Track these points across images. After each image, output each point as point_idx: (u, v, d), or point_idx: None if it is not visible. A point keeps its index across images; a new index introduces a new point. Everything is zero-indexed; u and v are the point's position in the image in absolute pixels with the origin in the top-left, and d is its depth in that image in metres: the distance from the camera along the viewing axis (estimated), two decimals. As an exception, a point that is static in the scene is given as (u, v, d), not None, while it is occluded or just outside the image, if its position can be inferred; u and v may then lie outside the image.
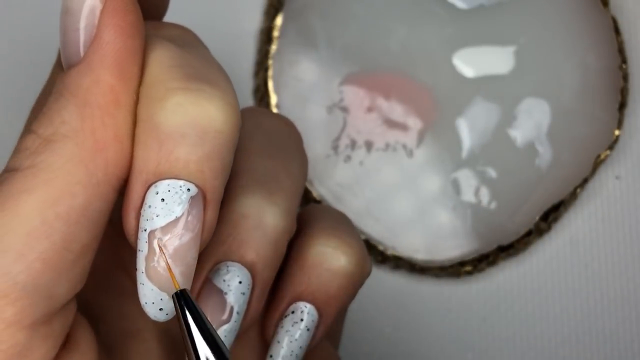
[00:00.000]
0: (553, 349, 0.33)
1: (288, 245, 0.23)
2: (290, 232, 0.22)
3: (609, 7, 0.33)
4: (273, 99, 0.33)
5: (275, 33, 0.33)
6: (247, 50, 0.34)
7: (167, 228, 0.19)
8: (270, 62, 0.33)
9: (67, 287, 0.19)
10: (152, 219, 0.19)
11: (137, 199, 0.19)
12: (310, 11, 0.33)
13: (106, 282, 0.23)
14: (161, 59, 0.19)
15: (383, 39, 0.33)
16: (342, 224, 0.24)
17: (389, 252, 0.33)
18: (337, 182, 0.33)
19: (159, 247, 0.19)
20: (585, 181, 0.33)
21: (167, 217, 0.19)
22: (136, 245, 0.19)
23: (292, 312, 0.23)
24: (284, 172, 0.23)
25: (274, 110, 0.33)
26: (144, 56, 0.19)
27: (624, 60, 0.33)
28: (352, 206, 0.33)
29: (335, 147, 0.33)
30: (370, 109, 0.33)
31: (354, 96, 0.33)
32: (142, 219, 0.19)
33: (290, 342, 0.23)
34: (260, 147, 0.23)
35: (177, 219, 0.19)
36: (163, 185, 0.19)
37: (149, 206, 0.19)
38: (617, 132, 0.33)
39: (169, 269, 0.19)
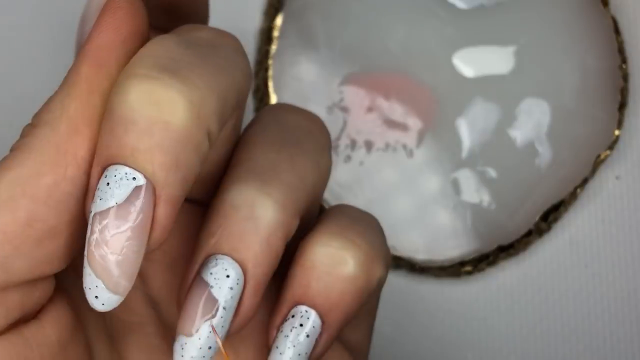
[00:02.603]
0: (553, 349, 0.33)
1: (295, 245, 0.22)
2: (287, 228, 0.21)
3: (609, 7, 0.33)
4: (273, 99, 0.33)
5: (275, 33, 0.33)
6: (247, 50, 0.34)
7: (105, 213, 0.19)
8: (270, 62, 0.33)
9: (27, 264, 0.19)
10: (97, 201, 0.19)
11: (93, 182, 0.19)
12: (310, 11, 0.33)
13: None
14: (144, 49, 0.19)
15: (383, 39, 0.33)
16: (357, 223, 0.22)
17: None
18: (337, 182, 0.33)
19: (213, 329, 0.20)
20: (585, 181, 0.33)
21: (107, 202, 0.19)
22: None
23: (293, 317, 0.22)
24: (287, 164, 0.21)
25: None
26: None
27: (623, 61, 0.33)
28: (352, 206, 0.33)
29: (335, 147, 0.33)
30: (370, 109, 0.33)
31: (354, 96, 0.33)
32: (92, 201, 0.19)
33: (289, 348, 0.21)
34: (265, 140, 0.22)
35: (118, 206, 0.19)
36: (112, 170, 0.19)
37: (98, 189, 0.19)
38: (617, 132, 0.33)
39: (216, 336, 0.20)
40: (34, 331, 0.20)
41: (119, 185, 0.18)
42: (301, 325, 0.21)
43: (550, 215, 0.33)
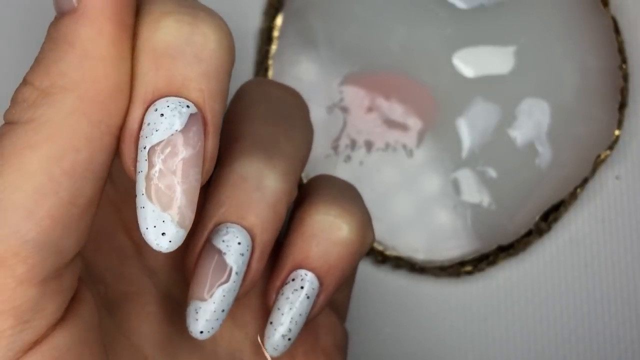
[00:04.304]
0: (553, 349, 0.33)
1: (291, 214, 0.24)
2: (290, 195, 0.22)
3: (609, 7, 0.33)
4: (273, 99, 0.33)
5: (275, 33, 0.33)
6: (247, 50, 0.34)
7: (168, 142, 0.18)
8: (270, 62, 0.33)
9: (74, 241, 0.19)
10: (152, 134, 0.18)
11: (135, 122, 0.19)
12: (310, 11, 0.33)
13: (107, 244, 0.23)
14: None
15: (383, 39, 0.33)
16: (346, 193, 0.24)
17: (389, 252, 0.33)
18: (337, 182, 0.33)
19: None
20: (585, 181, 0.33)
21: (167, 131, 0.18)
22: (135, 168, 0.19)
23: (293, 280, 0.23)
24: (285, 137, 0.23)
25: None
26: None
27: (624, 61, 0.33)
28: (352, 206, 0.33)
29: (335, 147, 0.33)
30: (370, 109, 0.33)
31: (354, 96, 0.33)
32: (141, 139, 0.19)
33: (290, 309, 0.23)
34: (262, 114, 0.23)
35: (177, 133, 0.18)
36: (162, 102, 0.18)
37: (148, 124, 0.18)
38: (617, 132, 0.33)
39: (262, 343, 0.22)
40: (89, 313, 0.20)
41: (175, 114, 0.18)
42: (302, 287, 0.23)
43: (550, 215, 0.33)
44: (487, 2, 0.33)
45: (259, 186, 0.22)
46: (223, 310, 0.21)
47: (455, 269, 0.33)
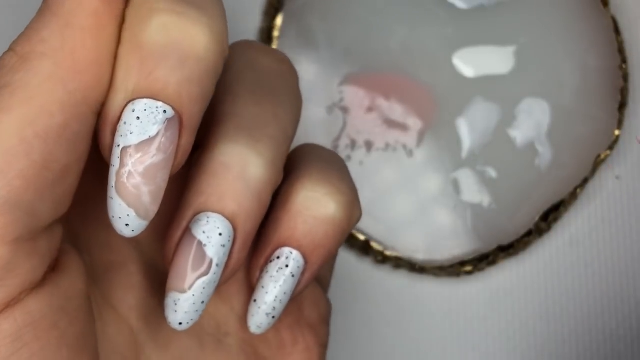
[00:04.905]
0: (553, 349, 0.33)
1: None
2: (275, 183, 0.22)
3: (609, 7, 0.33)
4: (273, 99, 0.33)
5: (275, 33, 0.33)
6: (247, 50, 0.34)
7: (140, 146, 0.19)
8: (270, 62, 0.33)
9: (49, 207, 0.19)
10: (127, 135, 0.19)
11: (114, 115, 0.19)
12: (310, 11, 0.33)
13: (92, 213, 0.23)
14: None
15: (383, 39, 0.33)
16: (332, 167, 0.23)
17: (389, 252, 0.33)
18: (337, 182, 0.33)
19: None
20: (585, 181, 0.33)
21: (141, 136, 0.19)
22: (110, 157, 0.19)
23: (278, 258, 0.23)
24: (272, 118, 0.22)
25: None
26: None
27: (624, 60, 0.33)
28: (352, 206, 0.33)
29: (335, 147, 0.33)
30: (370, 109, 0.33)
31: (354, 96, 0.33)
32: (117, 135, 0.19)
33: (275, 287, 0.22)
34: (247, 91, 0.22)
35: (150, 139, 0.19)
36: (140, 104, 0.19)
37: (125, 123, 0.19)
38: (617, 132, 0.33)
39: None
40: (68, 282, 0.20)
41: (151, 119, 0.19)
42: (287, 266, 0.22)
43: (550, 215, 0.33)
44: (487, 2, 0.33)
45: (243, 175, 0.21)
46: (203, 302, 0.21)
47: (455, 269, 0.33)
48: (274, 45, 0.33)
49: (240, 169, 0.21)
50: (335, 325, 0.33)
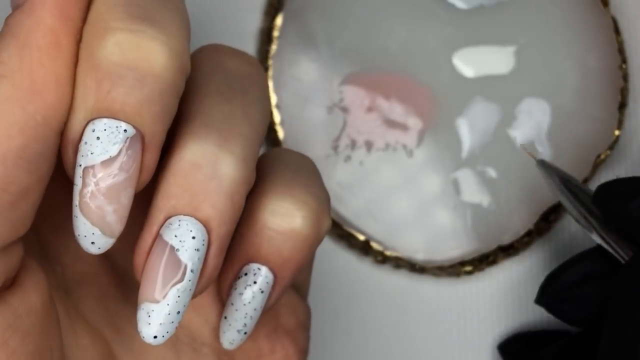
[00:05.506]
0: (553, 349, 0.33)
1: None
2: (249, 183, 0.21)
3: (609, 7, 0.33)
4: (273, 99, 0.33)
5: (275, 33, 0.33)
6: (247, 50, 0.34)
7: (101, 166, 0.19)
8: (270, 62, 0.33)
9: (6, 228, 0.19)
10: (88, 155, 0.19)
11: (74, 135, 0.19)
12: (310, 11, 0.33)
13: (62, 224, 0.22)
14: None
15: (383, 39, 0.33)
16: (299, 176, 0.22)
17: (389, 252, 0.33)
18: (337, 182, 0.33)
19: None
20: (585, 181, 0.33)
21: (102, 155, 0.19)
22: (73, 176, 0.19)
23: (245, 274, 0.22)
24: (242, 116, 0.21)
25: (274, 110, 0.33)
26: None
27: (623, 60, 0.33)
28: (351, 206, 0.33)
29: (335, 147, 0.33)
30: (370, 109, 0.33)
31: (354, 96, 0.33)
32: (78, 155, 0.19)
33: (244, 304, 0.22)
34: (216, 90, 0.21)
35: (112, 158, 0.19)
36: (100, 124, 0.19)
37: (85, 142, 0.19)
38: (617, 132, 0.33)
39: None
40: (20, 300, 0.20)
41: (111, 139, 0.19)
42: (255, 282, 0.22)
43: (551, 215, 0.33)
44: (487, 2, 0.33)
45: (215, 174, 0.20)
46: (178, 312, 0.20)
47: (455, 269, 0.33)
48: (274, 46, 0.33)
49: (211, 168, 0.20)
50: (335, 325, 0.33)
